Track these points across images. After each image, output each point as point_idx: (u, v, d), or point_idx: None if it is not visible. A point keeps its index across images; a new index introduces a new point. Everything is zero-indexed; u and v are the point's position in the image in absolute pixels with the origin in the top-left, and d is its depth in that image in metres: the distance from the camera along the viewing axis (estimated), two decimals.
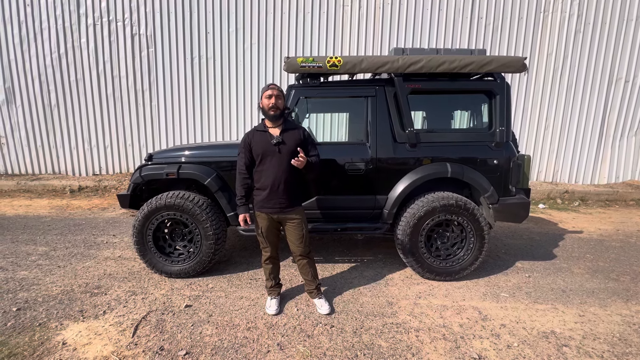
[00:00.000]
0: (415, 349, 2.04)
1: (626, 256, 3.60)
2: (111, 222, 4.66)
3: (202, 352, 1.98)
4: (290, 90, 2.90)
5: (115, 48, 6.73)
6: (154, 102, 6.90)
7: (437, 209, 2.77)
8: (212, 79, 6.81)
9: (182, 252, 2.95)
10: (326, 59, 2.74)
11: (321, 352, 1.99)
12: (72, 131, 7.03)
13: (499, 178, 2.90)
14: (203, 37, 6.68)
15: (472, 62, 2.70)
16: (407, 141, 2.88)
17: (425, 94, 3.02)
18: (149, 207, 2.81)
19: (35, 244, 3.79)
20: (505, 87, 2.85)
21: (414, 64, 2.72)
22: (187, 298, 2.61)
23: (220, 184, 2.92)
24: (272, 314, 2.39)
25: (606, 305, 2.59)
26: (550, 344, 2.09)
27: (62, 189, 6.56)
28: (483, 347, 2.06)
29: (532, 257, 3.52)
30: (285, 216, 2.37)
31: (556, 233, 4.38)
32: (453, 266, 2.89)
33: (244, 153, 2.37)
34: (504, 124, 2.85)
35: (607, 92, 6.57)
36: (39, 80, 6.82)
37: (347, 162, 2.87)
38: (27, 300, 2.55)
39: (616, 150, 6.77)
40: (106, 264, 3.27)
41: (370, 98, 2.91)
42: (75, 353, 1.96)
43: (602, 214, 5.40)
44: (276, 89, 2.29)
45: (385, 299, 2.64)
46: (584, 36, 6.43)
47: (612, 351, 2.04)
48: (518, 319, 2.38)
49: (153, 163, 3.01)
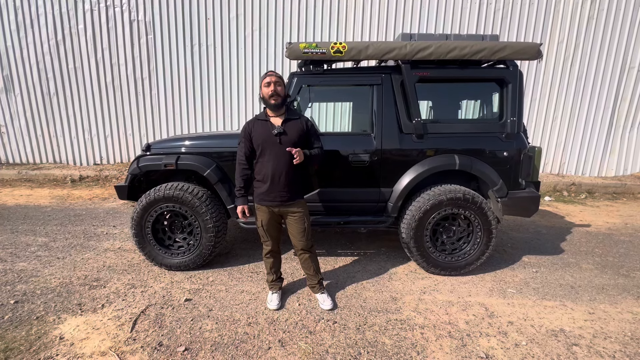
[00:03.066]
0: (420, 347, 1.98)
1: (636, 251, 3.51)
2: (112, 213, 4.61)
3: (201, 348, 1.93)
4: (292, 78, 2.78)
5: (113, 35, 6.56)
6: (153, 90, 6.77)
7: (444, 203, 2.68)
8: (212, 66, 6.65)
9: (181, 244, 2.90)
10: (330, 44, 2.61)
11: (323, 350, 1.94)
12: (72, 120, 6.94)
13: (508, 171, 2.79)
14: (203, 23, 6.49)
15: (484, 49, 2.56)
16: (414, 132, 2.77)
17: (433, 83, 2.89)
18: (147, 199, 2.74)
19: (35, 234, 3.75)
20: (518, 76, 2.72)
21: (423, 50, 2.59)
22: (187, 291, 2.56)
23: (220, 175, 2.83)
24: (273, 309, 2.34)
25: (617, 302, 2.52)
26: (559, 343, 2.03)
27: (63, 178, 6.51)
28: (490, 346, 2.00)
29: (539, 252, 3.44)
30: (286, 209, 2.30)
31: (563, 226, 4.29)
32: (459, 261, 2.82)
33: (244, 143, 2.28)
34: (516, 114, 2.73)
35: (618, 81, 6.35)
36: (37, 68, 6.69)
37: (351, 153, 2.77)
38: (25, 293, 2.51)
39: (625, 141, 6.59)
40: (106, 255, 3.22)
41: (376, 86, 2.79)
42: (72, 348, 1.92)
43: (610, 207, 5.29)
44: (274, 76, 2.19)
45: (389, 294, 2.58)
46: (597, 23, 6.18)
47: (624, 351, 1.97)
48: (526, 316, 2.32)
49: (151, 153, 2.93)
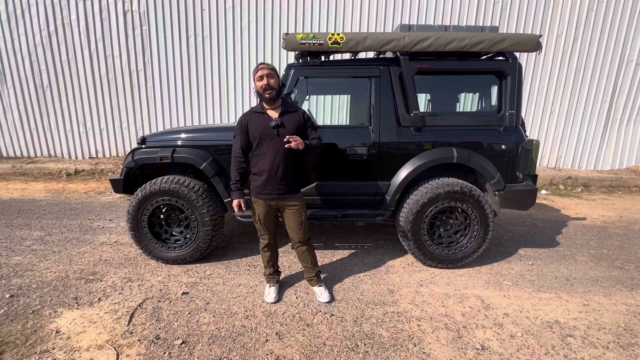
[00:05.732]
0: (417, 338, 2.00)
1: (630, 244, 3.55)
2: (108, 207, 4.58)
3: (198, 341, 1.93)
4: (289, 70, 2.73)
5: (107, 26, 6.43)
6: (149, 83, 6.68)
7: (442, 196, 2.68)
8: (208, 58, 6.56)
9: (178, 238, 2.88)
10: (327, 35, 2.57)
11: (321, 342, 1.95)
12: (66, 113, 6.84)
13: (506, 164, 2.79)
14: (198, 14, 6.38)
15: (484, 40, 2.53)
16: (412, 125, 2.75)
17: (432, 75, 2.87)
18: (143, 193, 2.72)
19: (30, 228, 3.72)
20: (517, 68, 2.70)
21: (422, 42, 2.55)
22: (184, 285, 2.55)
23: (217, 168, 2.81)
24: (270, 302, 2.34)
25: (611, 294, 2.54)
26: (554, 334, 2.05)
27: (58, 172, 6.45)
28: (486, 337, 2.02)
29: (535, 245, 3.46)
30: (283, 202, 2.29)
31: (559, 220, 4.31)
32: (456, 254, 2.83)
33: (240, 135, 2.25)
34: (514, 107, 2.72)
35: (616, 75, 6.35)
36: (29, 59, 6.56)
37: (349, 146, 2.75)
38: (20, 287, 2.49)
39: (622, 135, 6.62)
40: (102, 249, 3.21)
41: (374, 79, 2.76)
42: (68, 342, 1.91)
43: (605, 201, 5.33)
44: (266, 68, 2.14)
45: (386, 286, 2.59)
46: (596, 15, 6.14)
47: (618, 342, 1.99)
48: (521, 308, 2.33)
49: (147, 146, 2.89)
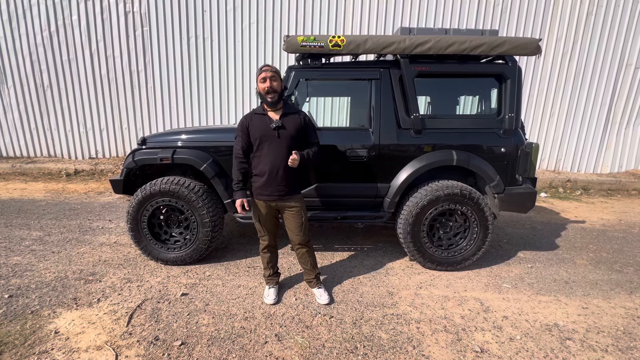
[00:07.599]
0: (416, 341, 2.00)
1: (629, 247, 3.55)
2: (107, 207, 4.58)
3: (198, 343, 1.93)
4: (290, 72, 2.75)
5: (108, 26, 6.45)
6: (149, 83, 6.69)
7: (441, 198, 2.68)
8: (209, 59, 6.57)
9: (178, 239, 2.88)
10: (328, 38, 2.58)
11: (320, 344, 1.95)
12: (67, 113, 6.84)
13: (506, 167, 2.80)
14: (199, 15, 6.40)
15: (484, 44, 2.55)
16: (412, 127, 2.76)
17: (432, 77, 2.88)
18: (143, 194, 2.72)
19: (30, 228, 3.72)
20: (517, 71, 2.71)
21: (422, 45, 2.56)
22: (184, 286, 2.55)
23: (217, 169, 2.81)
24: (270, 304, 2.34)
25: (610, 297, 2.55)
26: (553, 337, 2.05)
27: (57, 172, 6.44)
28: (485, 340, 2.02)
29: (534, 247, 3.47)
30: (284, 204, 2.29)
31: (558, 222, 4.32)
32: (455, 256, 2.83)
33: (242, 136, 2.26)
34: (514, 110, 2.73)
35: (615, 78, 6.37)
36: (30, 59, 6.58)
37: (349, 148, 2.76)
38: (19, 287, 2.49)
39: (621, 138, 6.63)
40: (101, 250, 3.20)
41: (374, 81, 2.77)
42: (67, 342, 1.91)
43: (605, 204, 5.34)
44: (270, 70, 2.15)
45: (385, 288, 2.59)
46: (595, 18, 6.17)
47: (617, 345, 2.00)
48: (520, 310, 2.34)
49: (147, 147, 2.89)
